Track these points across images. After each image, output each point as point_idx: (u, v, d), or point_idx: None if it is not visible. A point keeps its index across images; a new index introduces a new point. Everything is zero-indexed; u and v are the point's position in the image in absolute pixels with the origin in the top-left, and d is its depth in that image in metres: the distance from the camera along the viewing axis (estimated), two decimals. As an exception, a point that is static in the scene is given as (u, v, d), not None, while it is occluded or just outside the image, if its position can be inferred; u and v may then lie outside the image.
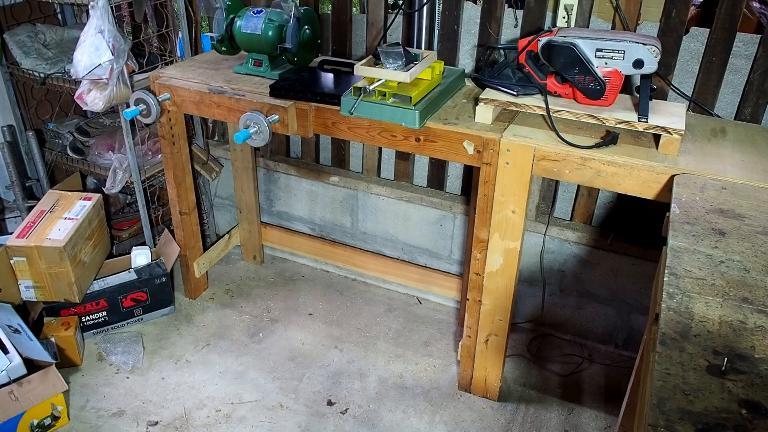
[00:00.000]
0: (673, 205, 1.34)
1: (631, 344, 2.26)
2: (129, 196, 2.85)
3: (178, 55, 2.47)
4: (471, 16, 2.05)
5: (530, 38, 1.69)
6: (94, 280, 2.27)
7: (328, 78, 1.96)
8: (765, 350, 0.94)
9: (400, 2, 2.03)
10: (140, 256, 2.36)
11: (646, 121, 1.59)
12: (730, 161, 1.56)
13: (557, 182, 2.16)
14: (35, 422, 1.88)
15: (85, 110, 2.46)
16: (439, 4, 2.02)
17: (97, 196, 2.35)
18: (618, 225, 2.15)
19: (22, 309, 2.19)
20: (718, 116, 1.86)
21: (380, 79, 1.70)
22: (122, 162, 2.31)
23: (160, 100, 2.00)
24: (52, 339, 2.09)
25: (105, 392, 2.09)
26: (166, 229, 2.56)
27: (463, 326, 2.01)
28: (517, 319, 2.39)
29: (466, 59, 2.13)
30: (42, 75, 2.29)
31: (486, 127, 1.71)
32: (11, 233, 2.14)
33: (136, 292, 2.32)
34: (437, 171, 2.37)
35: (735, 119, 1.86)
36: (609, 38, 1.61)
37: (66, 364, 2.14)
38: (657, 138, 1.60)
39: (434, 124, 1.72)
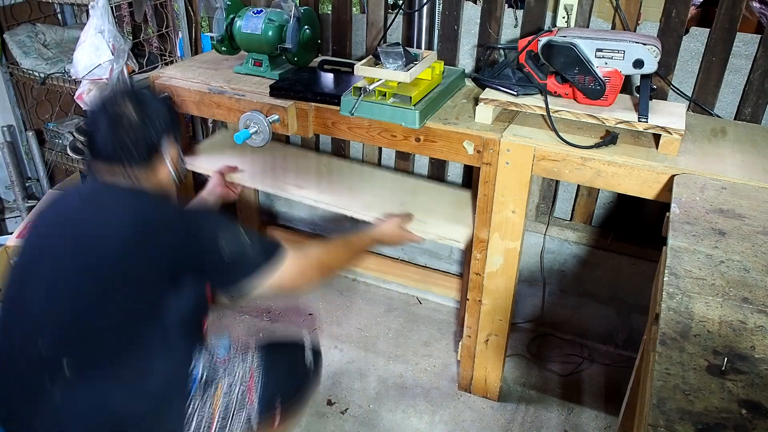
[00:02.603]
0: (673, 205, 1.34)
1: (631, 344, 2.26)
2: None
3: (178, 55, 2.47)
4: (471, 16, 2.05)
5: (530, 38, 1.69)
6: (94, 280, 2.26)
7: (328, 78, 1.96)
8: (765, 350, 0.94)
9: (400, 2, 2.03)
10: (140, 256, 2.35)
11: (646, 121, 1.59)
12: (730, 161, 1.56)
13: (557, 182, 2.16)
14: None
15: (85, 110, 2.46)
16: (439, 4, 2.02)
17: (97, 196, 2.35)
18: (618, 225, 2.15)
19: (22, 309, 2.18)
20: (718, 116, 1.86)
21: (380, 79, 1.70)
22: (122, 162, 2.30)
23: (160, 100, 2.00)
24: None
25: (105, 392, 2.09)
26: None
27: (463, 326, 2.01)
28: (517, 319, 2.39)
29: (466, 59, 2.13)
30: (42, 75, 2.29)
31: (486, 127, 1.71)
32: (11, 233, 2.14)
33: (136, 292, 2.32)
34: (437, 171, 2.37)
35: (735, 119, 1.86)
36: (609, 38, 1.61)
37: (66, 364, 2.14)
38: (657, 138, 1.60)
39: (434, 124, 1.72)
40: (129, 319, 1.25)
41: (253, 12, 1.94)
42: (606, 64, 1.62)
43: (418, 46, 1.99)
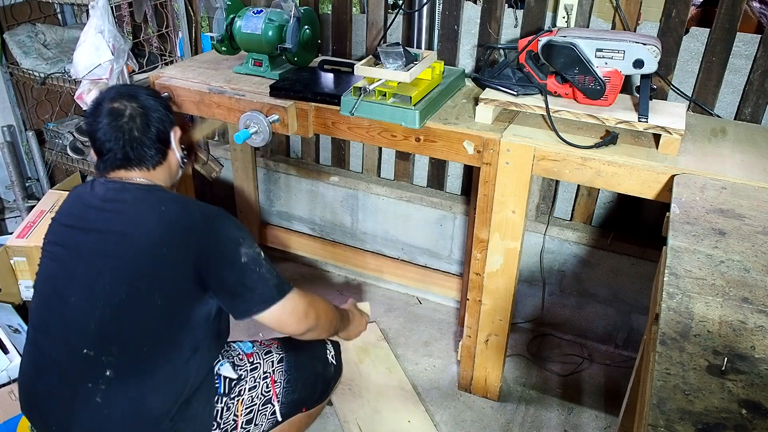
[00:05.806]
0: (673, 205, 1.34)
1: (631, 344, 2.26)
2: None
3: (178, 55, 2.47)
4: (471, 16, 2.05)
5: (530, 38, 1.69)
6: (94, 280, 2.26)
7: (328, 78, 1.96)
8: (765, 350, 0.94)
9: (400, 2, 2.03)
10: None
11: (646, 121, 1.59)
12: (730, 161, 1.56)
13: (557, 182, 2.16)
14: (35, 422, 1.88)
15: (85, 110, 2.45)
16: (439, 4, 2.02)
17: (97, 196, 2.35)
18: (618, 225, 2.15)
19: (22, 309, 2.19)
20: (718, 116, 1.86)
21: (380, 79, 1.70)
22: (122, 162, 2.30)
23: (160, 100, 2.00)
24: (52, 339, 2.09)
25: (105, 392, 2.09)
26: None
27: (463, 326, 2.01)
28: (517, 319, 2.39)
29: (466, 59, 2.13)
30: (42, 75, 2.29)
31: (486, 127, 1.71)
32: (11, 233, 2.14)
33: (136, 292, 2.32)
34: (437, 171, 2.37)
35: (735, 119, 1.86)
36: (609, 38, 1.61)
37: (66, 364, 2.14)
38: (657, 138, 1.60)
39: (434, 124, 1.72)
40: (161, 324, 1.27)
41: (253, 12, 1.93)
42: (606, 64, 1.62)
43: (418, 46, 1.99)
